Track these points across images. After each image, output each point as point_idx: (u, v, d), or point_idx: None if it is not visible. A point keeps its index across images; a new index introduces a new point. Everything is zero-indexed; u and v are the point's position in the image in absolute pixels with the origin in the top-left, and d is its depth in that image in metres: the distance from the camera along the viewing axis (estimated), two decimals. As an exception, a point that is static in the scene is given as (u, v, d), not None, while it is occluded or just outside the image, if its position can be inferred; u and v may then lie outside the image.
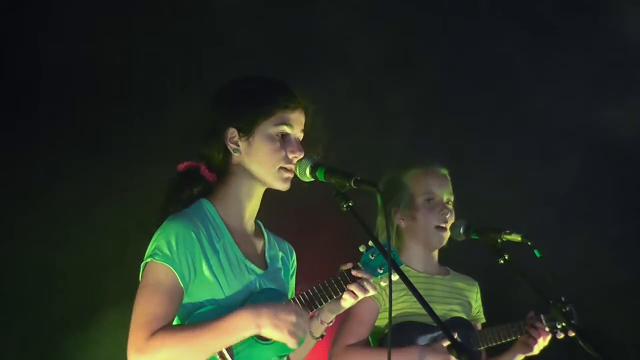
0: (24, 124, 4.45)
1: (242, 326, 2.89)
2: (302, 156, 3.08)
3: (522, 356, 4.00)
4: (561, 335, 3.87)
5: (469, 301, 4.09)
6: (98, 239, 4.48)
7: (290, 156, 3.08)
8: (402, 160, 4.31)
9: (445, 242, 4.03)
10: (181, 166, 3.16)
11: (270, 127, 3.08)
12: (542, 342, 3.92)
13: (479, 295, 4.14)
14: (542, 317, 3.92)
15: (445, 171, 4.08)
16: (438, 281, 4.03)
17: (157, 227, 3.01)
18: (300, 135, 3.13)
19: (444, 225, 3.99)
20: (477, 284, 4.15)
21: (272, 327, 2.89)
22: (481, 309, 4.16)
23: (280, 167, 3.07)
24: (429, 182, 4.02)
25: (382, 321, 3.92)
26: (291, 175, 3.10)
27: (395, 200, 4.01)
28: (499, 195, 5.02)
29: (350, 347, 3.82)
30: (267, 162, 3.07)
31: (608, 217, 5.29)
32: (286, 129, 3.08)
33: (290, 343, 2.92)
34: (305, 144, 3.12)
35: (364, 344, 3.87)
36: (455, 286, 4.08)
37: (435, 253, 4.08)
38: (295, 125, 3.11)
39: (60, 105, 4.52)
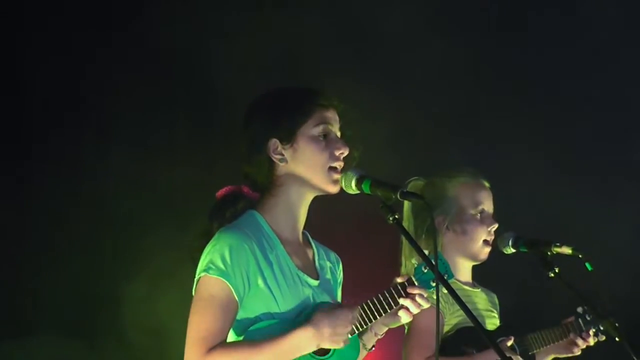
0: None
1: (302, 345, 2.92)
2: (347, 152, 3.11)
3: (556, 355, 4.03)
4: (603, 338, 3.91)
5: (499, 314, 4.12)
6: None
7: (337, 153, 3.10)
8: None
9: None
10: (220, 193, 3.18)
11: (311, 129, 3.10)
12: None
13: (499, 308, 4.17)
14: (580, 321, 3.93)
15: (487, 183, 4.07)
16: (479, 294, 4.04)
17: (201, 251, 3.03)
18: (339, 134, 3.16)
19: (490, 239, 3.98)
20: (495, 295, 4.16)
21: (330, 342, 2.93)
22: None
23: (330, 168, 3.09)
24: (480, 195, 4.00)
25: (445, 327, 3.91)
26: (340, 177, 3.10)
27: (439, 209, 3.95)
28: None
29: (430, 359, 3.77)
30: (316, 164, 3.09)
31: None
32: (327, 127, 3.12)
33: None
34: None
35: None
36: (491, 299, 4.10)
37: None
38: (334, 123, 3.15)
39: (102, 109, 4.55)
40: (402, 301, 3.06)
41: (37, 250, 4.49)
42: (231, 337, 3.00)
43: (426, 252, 3.04)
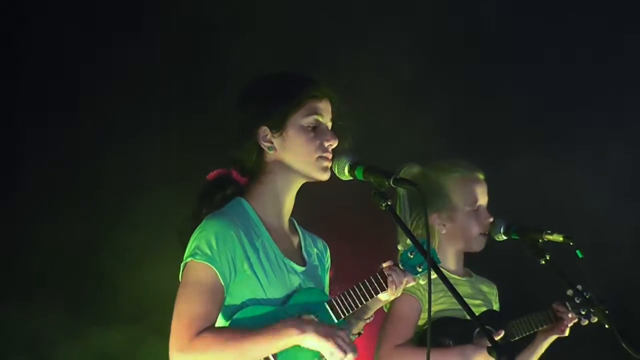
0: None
1: (286, 335, 2.92)
2: (336, 144, 3.13)
3: (552, 338, 4.04)
4: (585, 322, 3.95)
5: (492, 304, 4.14)
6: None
7: (326, 144, 3.13)
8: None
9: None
10: (211, 175, 3.21)
11: (301, 119, 3.13)
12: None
13: (497, 298, 4.19)
14: (567, 304, 3.97)
15: (482, 175, 4.08)
16: (465, 282, 4.07)
17: (190, 234, 3.06)
18: (330, 125, 3.18)
19: (486, 231, 4.01)
20: (495, 286, 4.20)
21: (316, 336, 2.92)
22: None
23: (319, 157, 3.12)
24: (475, 191, 4.03)
25: (421, 320, 3.94)
26: (329, 165, 3.14)
27: (435, 205, 3.98)
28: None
29: (399, 347, 3.84)
30: (304, 153, 3.12)
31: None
32: (317, 118, 3.14)
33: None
34: (335, 133, 3.16)
35: (410, 343, 3.88)
36: (480, 288, 4.13)
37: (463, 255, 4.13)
38: (325, 114, 3.17)
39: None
40: (386, 270, 3.09)
41: (32, 227, 4.51)
42: (218, 322, 3.01)
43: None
